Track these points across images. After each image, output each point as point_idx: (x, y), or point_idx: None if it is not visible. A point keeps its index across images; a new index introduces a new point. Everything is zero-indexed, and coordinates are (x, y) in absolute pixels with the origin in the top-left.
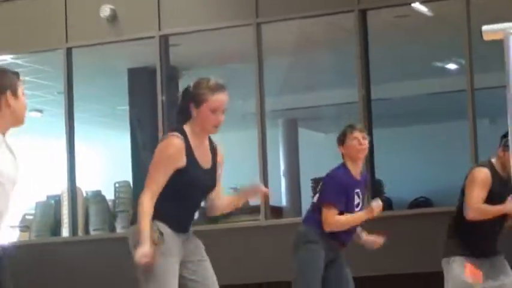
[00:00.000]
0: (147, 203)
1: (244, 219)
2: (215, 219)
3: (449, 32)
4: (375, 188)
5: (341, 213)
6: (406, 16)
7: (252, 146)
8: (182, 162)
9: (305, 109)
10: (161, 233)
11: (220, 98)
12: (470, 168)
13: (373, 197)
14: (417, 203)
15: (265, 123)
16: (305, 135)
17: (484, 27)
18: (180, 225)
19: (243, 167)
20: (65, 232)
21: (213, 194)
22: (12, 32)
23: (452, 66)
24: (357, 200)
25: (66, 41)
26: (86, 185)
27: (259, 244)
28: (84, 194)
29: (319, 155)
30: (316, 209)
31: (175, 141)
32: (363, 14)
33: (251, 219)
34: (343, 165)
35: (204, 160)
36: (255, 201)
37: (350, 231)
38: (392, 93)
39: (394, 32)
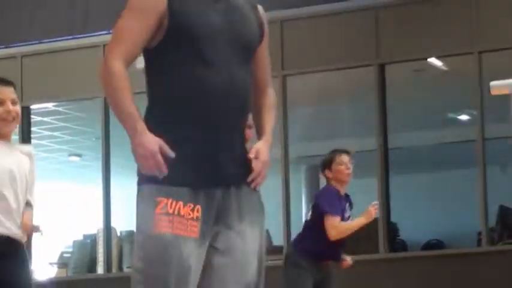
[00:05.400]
0: None
1: None
2: None
3: (462, 84)
4: (390, 230)
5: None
6: (422, 70)
7: (277, 191)
8: None
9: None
10: None
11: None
12: None
13: (389, 240)
14: (430, 245)
15: (289, 169)
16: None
17: (492, 83)
18: None
19: (267, 209)
20: (100, 269)
21: None
22: (54, 82)
23: (464, 117)
24: (347, 213)
25: None
26: (120, 224)
27: None
28: (119, 234)
29: None
30: (310, 226)
31: None
32: (381, 68)
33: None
34: (329, 184)
35: None
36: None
37: (338, 249)
38: (408, 143)
39: (410, 84)
